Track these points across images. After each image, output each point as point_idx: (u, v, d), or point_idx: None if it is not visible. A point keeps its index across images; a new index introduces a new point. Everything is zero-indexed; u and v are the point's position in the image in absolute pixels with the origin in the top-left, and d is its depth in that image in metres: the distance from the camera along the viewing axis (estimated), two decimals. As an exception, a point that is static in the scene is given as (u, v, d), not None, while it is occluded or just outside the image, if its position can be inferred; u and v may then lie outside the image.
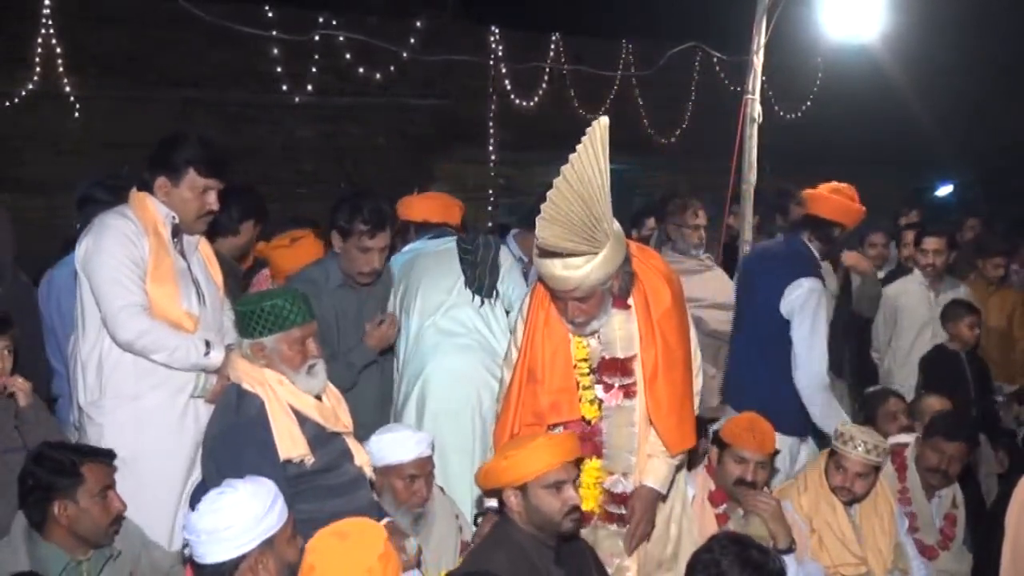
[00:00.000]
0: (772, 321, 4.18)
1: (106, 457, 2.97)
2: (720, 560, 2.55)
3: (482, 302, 4.05)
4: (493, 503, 3.07)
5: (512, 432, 3.10)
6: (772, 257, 4.40)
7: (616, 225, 2.93)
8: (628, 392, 3.08)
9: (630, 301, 3.06)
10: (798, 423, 4.21)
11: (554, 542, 2.92)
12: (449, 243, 4.16)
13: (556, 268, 2.89)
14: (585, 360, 3.10)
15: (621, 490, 3.12)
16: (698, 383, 3.27)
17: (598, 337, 3.08)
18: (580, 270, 2.87)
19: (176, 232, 3.36)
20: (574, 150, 2.80)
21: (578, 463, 2.99)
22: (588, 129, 2.77)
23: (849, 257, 5.59)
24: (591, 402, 3.10)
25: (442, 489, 3.65)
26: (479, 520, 3.35)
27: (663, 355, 3.03)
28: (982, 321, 5.46)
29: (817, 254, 4.27)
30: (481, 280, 4.04)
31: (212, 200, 3.36)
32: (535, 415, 3.07)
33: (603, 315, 3.03)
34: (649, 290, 3.05)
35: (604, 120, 2.79)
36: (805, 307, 4.10)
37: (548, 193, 2.77)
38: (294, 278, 4.06)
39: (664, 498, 3.21)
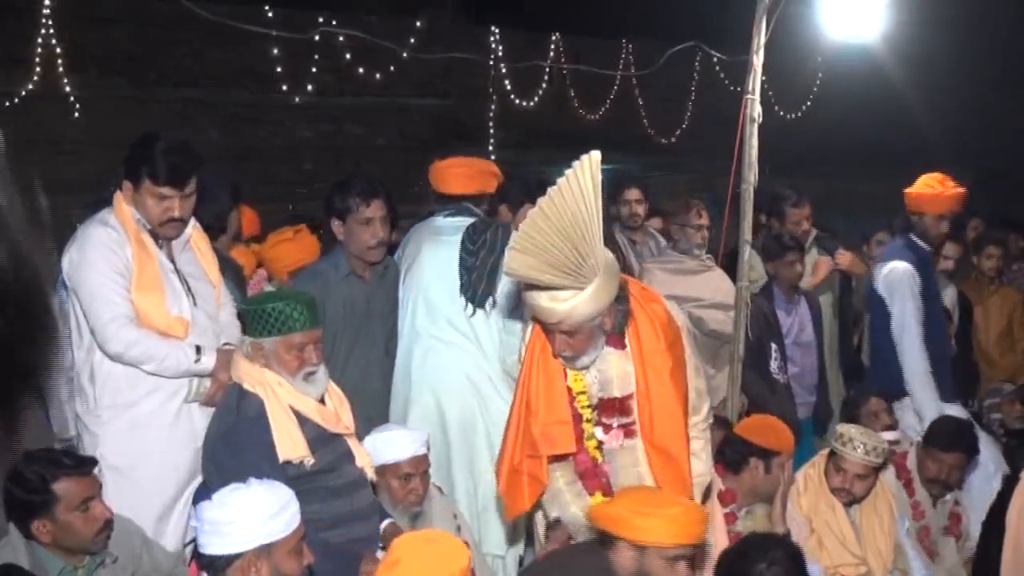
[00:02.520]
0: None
1: (86, 467, 2.91)
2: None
3: (473, 311, 3.91)
4: (553, 513, 3.03)
5: (512, 463, 3.01)
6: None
7: (609, 261, 2.84)
8: (628, 432, 3.00)
9: (626, 341, 2.99)
10: None
11: None
12: (457, 234, 3.98)
13: (542, 299, 2.81)
14: (584, 393, 3.03)
15: None
16: (703, 425, 3.18)
17: (595, 377, 3.01)
18: (565, 303, 2.79)
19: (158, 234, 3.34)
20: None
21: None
22: (576, 163, 2.70)
23: (843, 259, 5.59)
24: (597, 446, 3.03)
25: (440, 489, 3.65)
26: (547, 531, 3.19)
27: (651, 395, 2.97)
28: (975, 325, 5.50)
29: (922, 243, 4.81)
30: (475, 288, 3.88)
31: (172, 207, 3.28)
32: (532, 446, 2.99)
33: (592, 352, 2.95)
34: (641, 331, 2.99)
35: (595, 154, 2.72)
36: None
37: (522, 224, 2.71)
38: (303, 273, 4.07)
39: None
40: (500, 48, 11.28)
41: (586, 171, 2.69)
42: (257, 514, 2.46)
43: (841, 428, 3.87)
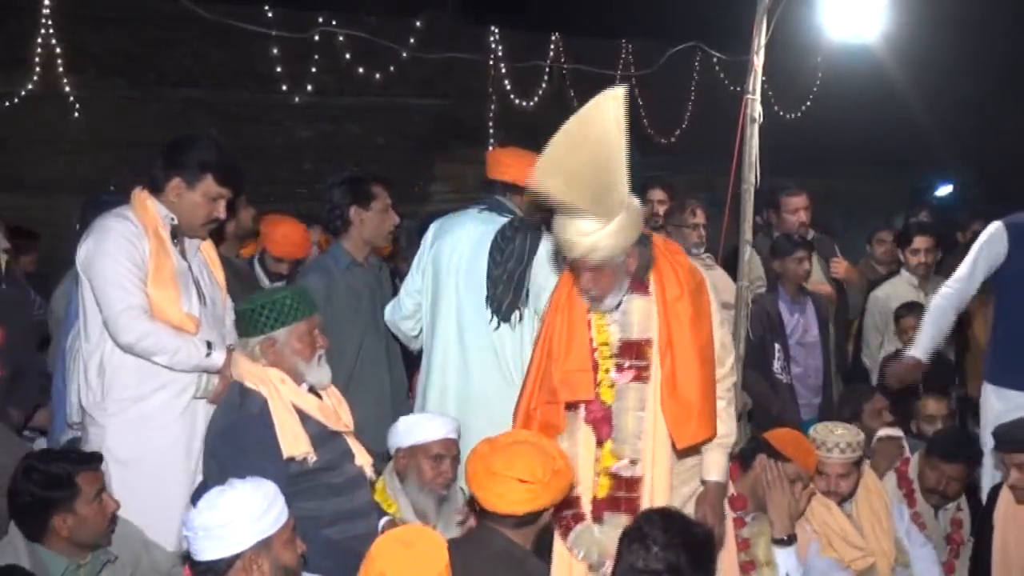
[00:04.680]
0: None
1: (95, 462, 2.98)
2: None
3: (498, 324, 3.80)
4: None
5: (529, 410, 3.08)
6: None
7: (634, 203, 2.93)
8: (639, 375, 3.07)
9: (651, 289, 3.08)
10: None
11: None
12: (488, 234, 3.82)
13: (569, 231, 2.89)
14: (607, 344, 3.10)
15: (629, 475, 3.07)
16: (727, 382, 3.22)
17: (617, 319, 3.08)
18: (590, 237, 2.86)
19: (175, 233, 3.36)
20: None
21: None
22: (598, 95, 2.79)
23: (839, 267, 5.59)
24: (610, 386, 3.10)
25: (463, 490, 3.64)
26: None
27: (673, 343, 3.03)
28: (971, 323, 5.48)
29: None
30: (500, 300, 3.77)
31: (221, 209, 3.37)
32: (550, 393, 3.06)
33: (616, 293, 3.03)
34: (665, 278, 3.08)
35: (619, 90, 2.80)
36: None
37: (547, 146, 2.79)
38: (307, 268, 4.21)
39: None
40: (500, 48, 11.29)
41: (608, 106, 2.77)
42: (250, 512, 2.46)
43: (814, 433, 3.80)
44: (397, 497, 3.37)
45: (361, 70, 10.54)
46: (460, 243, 3.88)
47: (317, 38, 9.58)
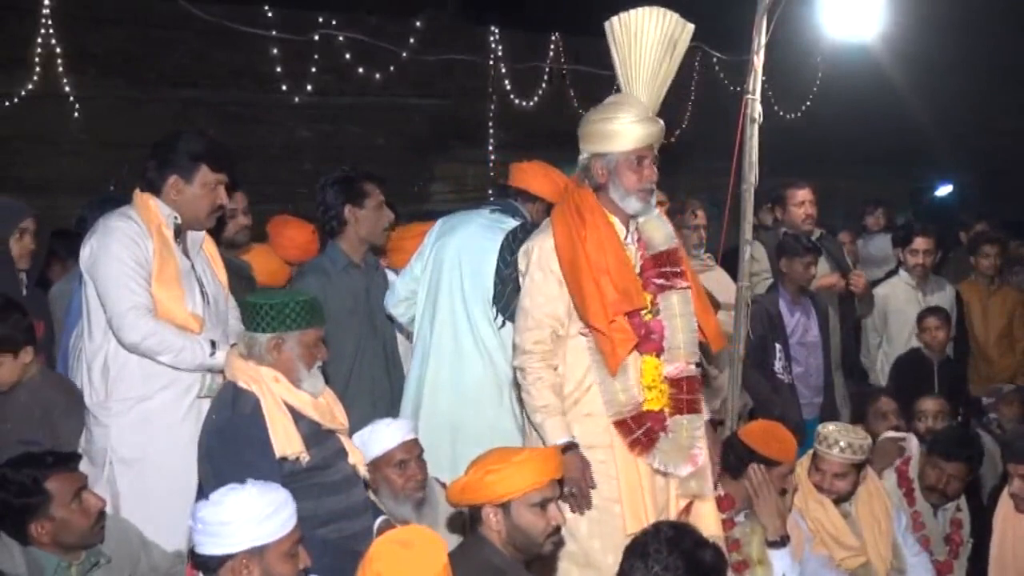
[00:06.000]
0: None
1: (72, 462, 2.95)
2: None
3: (503, 323, 3.81)
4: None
5: (611, 320, 3.15)
6: None
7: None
8: (684, 280, 3.30)
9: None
10: None
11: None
12: (496, 235, 3.84)
13: (632, 119, 3.20)
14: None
15: (694, 375, 3.25)
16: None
17: (640, 242, 3.29)
18: (657, 123, 3.21)
19: (178, 232, 3.37)
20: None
21: (560, 482, 2.93)
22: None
23: (858, 281, 5.60)
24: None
25: (444, 485, 3.64)
26: None
27: (681, 252, 3.35)
28: (973, 325, 5.49)
29: None
30: (509, 300, 3.74)
31: (222, 194, 3.42)
32: (612, 305, 3.16)
33: (654, 193, 3.33)
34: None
35: (662, 9, 3.24)
36: None
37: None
38: (304, 269, 4.19)
39: None
40: (500, 48, 11.27)
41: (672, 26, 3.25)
42: (250, 515, 2.46)
43: (821, 428, 3.85)
44: None
45: (361, 70, 10.52)
46: (469, 241, 3.91)
47: (317, 38, 9.56)
